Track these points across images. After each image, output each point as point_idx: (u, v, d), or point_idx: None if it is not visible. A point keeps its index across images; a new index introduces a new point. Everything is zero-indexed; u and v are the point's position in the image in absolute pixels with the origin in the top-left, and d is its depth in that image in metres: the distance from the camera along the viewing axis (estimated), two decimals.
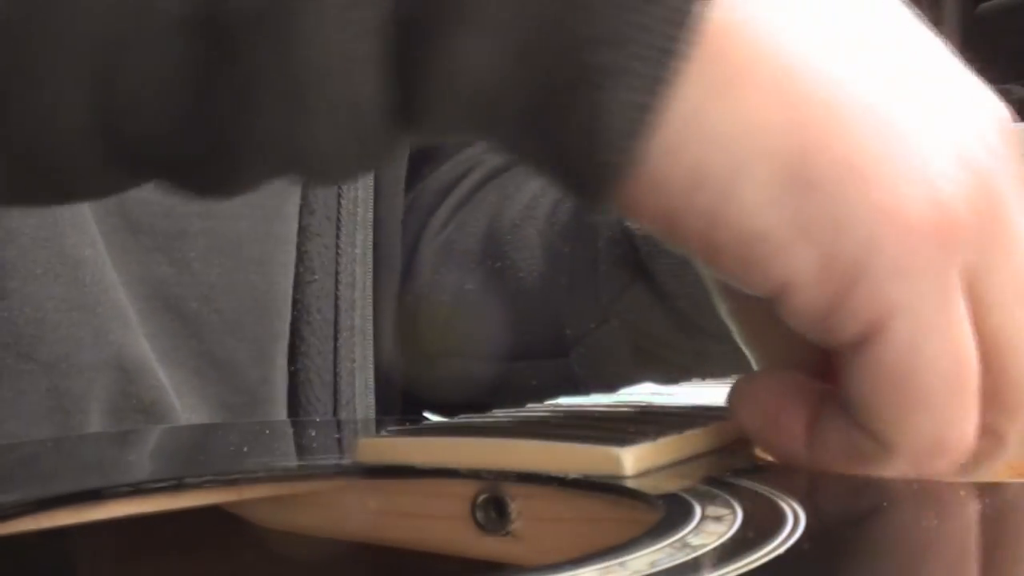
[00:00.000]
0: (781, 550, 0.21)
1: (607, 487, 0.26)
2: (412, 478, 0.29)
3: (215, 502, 0.30)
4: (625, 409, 0.33)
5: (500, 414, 0.33)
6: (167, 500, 0.29)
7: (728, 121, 0.26)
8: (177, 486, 0.29)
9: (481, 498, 0.28)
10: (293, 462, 0.31)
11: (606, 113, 0.25)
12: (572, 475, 0.27)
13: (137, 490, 0.29)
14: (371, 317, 0.57)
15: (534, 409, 0.34)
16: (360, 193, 0.56)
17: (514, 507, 0.28)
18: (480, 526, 0.28)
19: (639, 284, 0.52)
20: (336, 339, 0.55)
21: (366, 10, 0.25)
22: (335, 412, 0.55)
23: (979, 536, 0.24)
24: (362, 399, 0.56)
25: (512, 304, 0.56)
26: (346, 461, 0.30)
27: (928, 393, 0.26)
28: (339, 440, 0.41)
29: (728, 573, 0.19)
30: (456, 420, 0.33)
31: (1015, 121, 0.29)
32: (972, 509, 0.25)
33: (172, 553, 0.33)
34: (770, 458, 0.29)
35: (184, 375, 0.51)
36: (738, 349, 0.36)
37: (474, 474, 0.28)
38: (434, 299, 0.59)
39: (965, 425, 0.26)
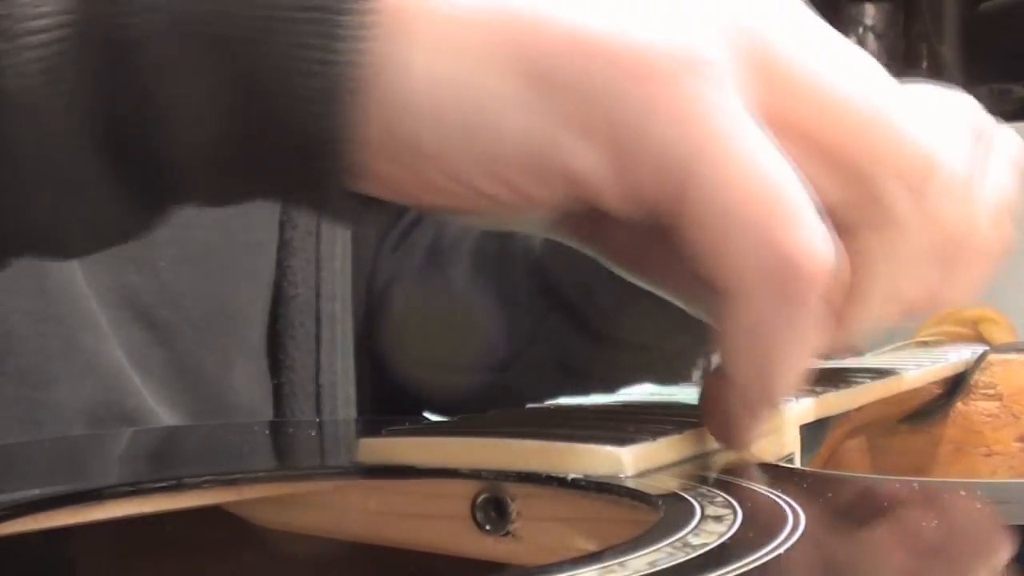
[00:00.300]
0: (781, 550, 0.21)
1: (607, 487, 0.26)
2: (412, 478, 0.29)
3: (215, 502, 0.30)
4: (625, 409, 0.33)
5: (500, 414, 0.33)
6: (167, 500, 0.29)
7: (450, 68, 0.26)
8: (177, 486, 0.29)
9: (481, 498, 0.28)
10: (293, 462, 0.31)
11: (308, 119, 0.26)
12: (572, 475, 0.27)
13: (137, 490, 0.29)
14: (351, 330, 0.58)
15: (534, 409, 0.34)
16: None
17: (514, 507, 0.28)
18: (480, 526, 0.28)
19: (557, 311, 0.53)
20: (318, 352, 0.55)
21: (65, 88, 0.25)
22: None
23: (979, 536, 0.24)
24: (344, 410, 0.56)
25: (451, 320, 0.58)
26: (346, 461, 0.30)
27: (751, 219, 0.26)
28: (338, 441, 0.41)
29: (728, 573, 0.19)
30: (456, 420, 0.33)
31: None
32: (972, 509, 0.25)
33: (172, 553, 0.33)
34: (770, 459, 0.29)
35: (154, 384, 0.51)
36: (660, 357, 0.36)
37: (474, 474, 0.28)
38: (385, 311, 0.61)
39: (810, 233, 0.26)
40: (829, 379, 0.38)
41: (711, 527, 0.22)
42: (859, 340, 0.31)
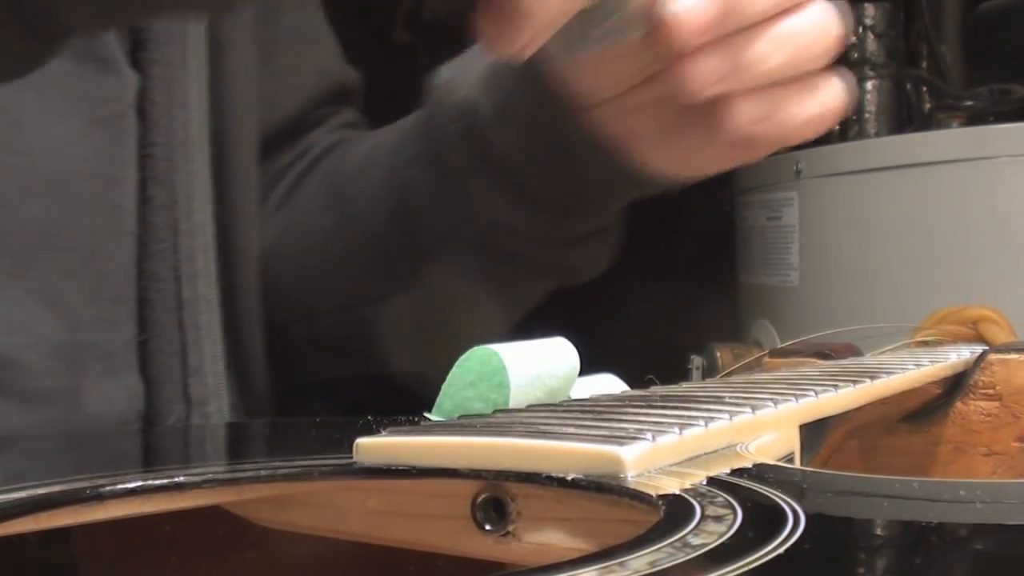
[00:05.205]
0: (781, 550, 0.21)
1: (607, 487, 0.26)
2: (412, 478, 0.29)
3: (215, 502, 0.30)
4: (625, 408, 0.33)
5: (500, 414, 0.33)
6: (167, 500, 0.29)
7: None
8: (177, 486, 0.29)
9: (481, 498, 0.28)
10: (293, 462, 0.31)
11: None
12: (572, 475, 0.27)
13: (137, 490, 0.29)
14: (215, 286, 0.58)
15: (534, 409, 0.34)
16: (196, 166, 0.58)
17: (514, 507, 0.28)
18: (480, 526, 0.28)
19: (484, 169, 0.56)
20: (181, 309, 0.56)
21: None
22: (185, 379, 0.55)
23: (979, 536, 0.24)
24: (211, 366, 0.56)
25: (358, 249, 0.62)
26: (346, 461, 0.30)
27: None
28: (338, 439, 0.41)
29: (728, 573, 0.19)
30: (456, 420, 0.33)
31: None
32: (972, 509, 0.25)
33: (172, 553, 0.33)
34: (769, 459, 0.29)
35: (16, 314, 0.50)
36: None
37: (474, 474, 0.28)
38: (277, 267, 0.63)
39: None
40: (829, 379, 0.38)
41: (711, 527, 0.22)
42: None
